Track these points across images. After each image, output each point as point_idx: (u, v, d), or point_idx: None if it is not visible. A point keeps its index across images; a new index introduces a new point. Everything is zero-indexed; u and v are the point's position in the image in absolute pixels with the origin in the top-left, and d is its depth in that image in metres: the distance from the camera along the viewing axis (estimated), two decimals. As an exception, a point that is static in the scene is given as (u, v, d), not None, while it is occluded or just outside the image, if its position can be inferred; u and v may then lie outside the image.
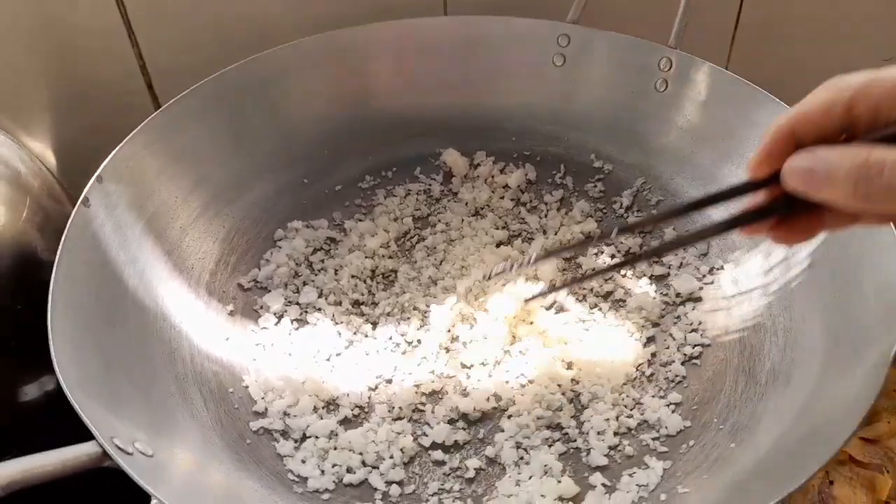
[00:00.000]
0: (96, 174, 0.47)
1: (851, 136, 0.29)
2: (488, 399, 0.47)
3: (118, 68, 0.64)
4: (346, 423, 0.47)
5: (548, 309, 0.51)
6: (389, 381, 0.48)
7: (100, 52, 0.63)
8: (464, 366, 0.49)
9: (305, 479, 0.43)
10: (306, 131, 0.60)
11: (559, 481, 0.41)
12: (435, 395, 0.47)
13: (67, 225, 0.43)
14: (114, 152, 0.48)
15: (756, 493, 0.36)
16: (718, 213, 0.34)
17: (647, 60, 0.58)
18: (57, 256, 0.41)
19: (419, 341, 0.51)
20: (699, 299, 0.52)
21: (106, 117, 0.67)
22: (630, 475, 0.42)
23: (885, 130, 0.28)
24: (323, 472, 0.43)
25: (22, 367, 0.45)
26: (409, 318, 0.52)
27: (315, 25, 0.61)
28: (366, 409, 0.47)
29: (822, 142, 0.29)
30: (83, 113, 0.66)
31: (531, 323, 0.51)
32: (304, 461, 0.43)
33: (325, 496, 0.42)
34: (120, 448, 0.35)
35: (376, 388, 0.48)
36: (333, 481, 0.43)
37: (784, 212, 0.31)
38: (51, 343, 0.37)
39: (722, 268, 0.53)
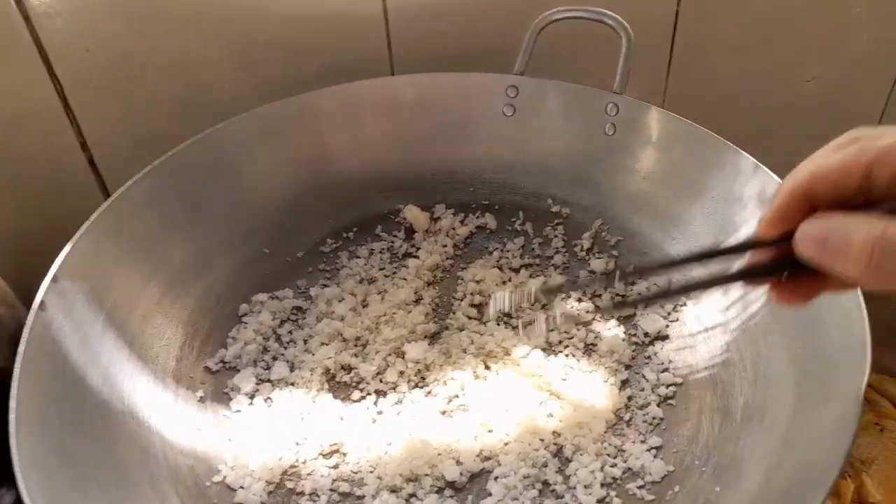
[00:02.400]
0: (51, 275, 0.45)
1: (870, 199, 0.27)
2: (474, 460, 0.47)
3: (57, 146, 0.62)
4: (332, 503, 0.46)
5: (523, 357, 0.52)
6: (375, 452, 0.48)
7: (37, 130, 0.61)
8: (450, 427, 0.49)
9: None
10: (263, 201, 0.60)
11: (551, 543, 0.41)
12: (423, 463, 0.47)
13: (25, 333, 0.41)
14: (67, 248, 0.47)
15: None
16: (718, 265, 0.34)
17: (594, 106, 0.59)
18: (16, 370, 0.39)
19: (400, 402, 0.50)
20: (666, 337, 0.53)
21: (48, 198, 0.65)
22: (621, 529, 0.42)
23: None
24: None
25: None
26: (389, 382, 0.52)
27: (260, 94, 0.61)
28: (355, 484, 0.46)
29: (838, 203, 0.27)
30: (24, 195, 0.64)
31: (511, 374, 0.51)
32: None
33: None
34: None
35: (360, 460, 0.47)
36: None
37: (791, 271, 0.30)
38: (17, 473, 0.36)
39: (685, 304, 0.55)
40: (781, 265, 0.30)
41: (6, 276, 0.50)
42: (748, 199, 0.52)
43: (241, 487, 0.45)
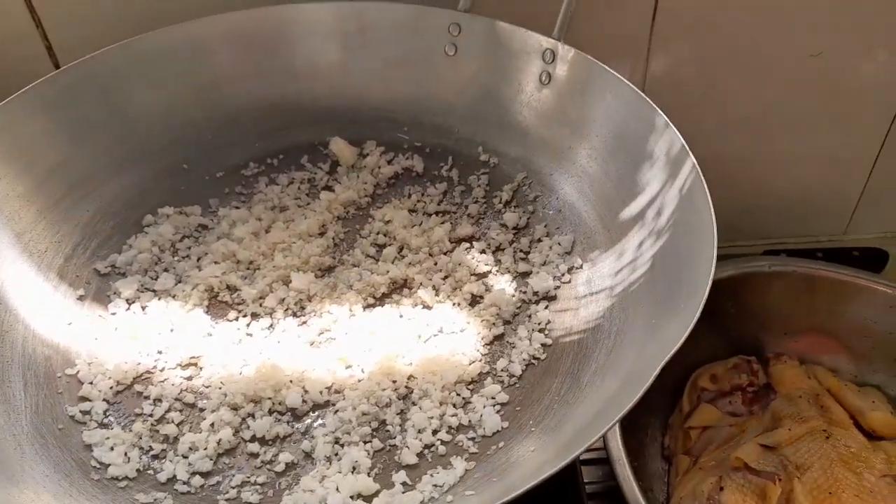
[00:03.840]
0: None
1: None
2: (321, 392, 0.47)
3: (23, 49, 0.64)
4: (172, 410, 0.46)
5: (415, 306, 0.51)
6: (229, 370, 0.48)
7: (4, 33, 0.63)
8: (310, 357, 0.48)
9: (107, 466, 0.42)
10: (188, 116, 0.59)
11: (357, 479, 0.40)
12: (268, 387, 0.47)
13: None
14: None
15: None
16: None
17: (532, 51, 0.56)
18: None
19: (271, 327, 0.50)
20: (554, 298, 0.51)
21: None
22: (431, 475, 0.41)
23: None
24: (129, 459, 0.43)
25: None
26: (267, 308, 0.52)
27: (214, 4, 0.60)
28: (201, 397, 0.47)
29: None
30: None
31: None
32: (112, 448, 0.43)
33: (122, 483, 0.42)
34: None
35: (213, 376, 0.48)
36: (137, 469, 0.42)
37: None
38: None
39: (581, 267, 0.52)
40: None
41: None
42: (657, 157, 0.48)
43: (90, 383, 0.47)
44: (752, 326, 0.68)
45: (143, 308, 0.52)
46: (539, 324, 0.49)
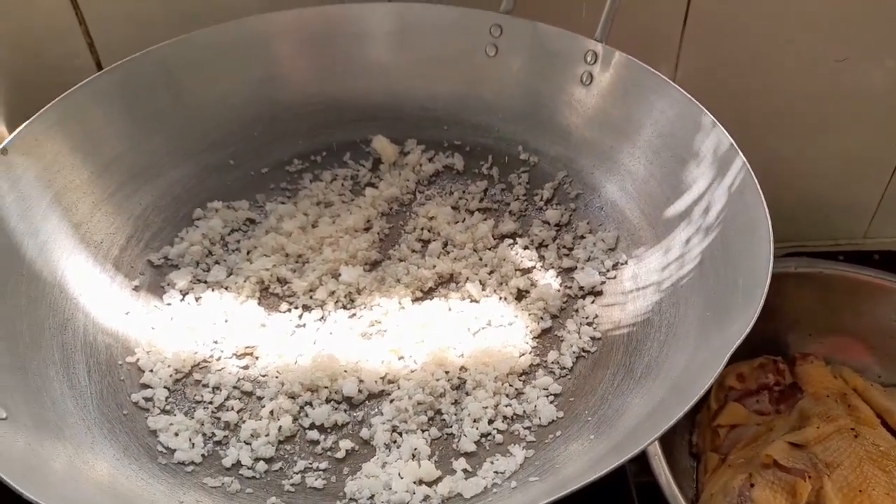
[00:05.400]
0: (1, 147, 0.48)
1: None
2: (376, 381, 0.48)
3: (65, 47, 0.65)
4: (231, 398, 0.47)
5: (463, 299, 0.52)
6: (285, 360, 0.49)
7: (48, 30, 0.64)
8: (363, 348, 0.49)
9: (173, 451, 0.43)
10: (235, 114, 0.61)
11: (420, 464, 0.42)
12: (325, 376, 0.48)
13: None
14: (23, 126, 0.50)
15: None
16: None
17: (574, 52, 0.57)
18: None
19: (323, 319, 0.51)
20: (600, 293, 0.52)
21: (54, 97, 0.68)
22: (491, 462, 0.42)
23: None
24: (193, 444, 0.44)
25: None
26: (318, 300, 0.53)
27: (260, 3, 0.61)
28: (259, 385, 0.48)
29: None
30: (31, 92, 0.67)
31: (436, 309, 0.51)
32: (177, 434, 0.44)
33: (189, 468, 0.43)
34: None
35: (269, 366, 0.49)
36: (202, 454, 0.43)
37: None
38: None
39: (626, 263, 0.53)
40: None
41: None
42: (704, 155, 0.49)
43: (150, 370, 0.48)
44: (778, 327, 0.69)
45: (198, 299, 0.53)
46: (587, 318, 0.50)
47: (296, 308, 0.53)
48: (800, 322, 0.69)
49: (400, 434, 0.45)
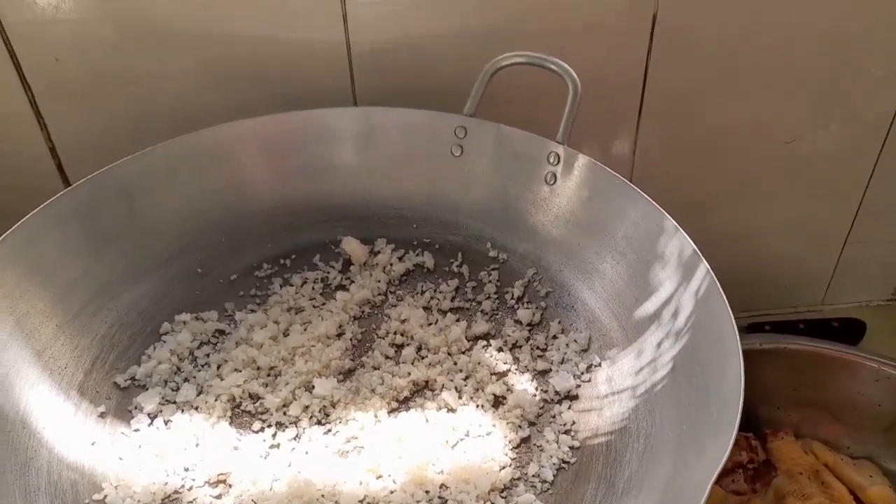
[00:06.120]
0: (-42, 280, 0.46)
1: None
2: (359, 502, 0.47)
3: (27, 152, 0.64)
4: (205, 534, 0.46)
5: (439, 409, 0.52)
6: (260, 486, 0.47)
7: (8, 135, 0.63)
8: (340, 468, 0.48)
9: None
10: (199, 222, 0.60)
11: None
12: (304, 503, 0.47)
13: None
14: (-19, 257, 0.48)
15: None
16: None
17: (537, 154, 0.59)
18: None
19: (297, 438, 0.50)
20: (576, 397, 0.52)
21: (19, 199, 0.67)
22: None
23: None
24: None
25: None
26: (291, 416, 0.52)
27: (226, 113, 0.62)
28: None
29: None
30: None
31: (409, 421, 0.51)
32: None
33: None
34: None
35: (243, 494, 0.47)
36: None
37: None
38: None
39: (599, 365, 0.54)
40: None
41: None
42: (668, 258, 0.51)
43: (118, 509, 0.46)
44: (747, 402, 0.70)
45: (167, 423, 0.51)
46: (564, 425, 0.50)
47: (269, 426, 0.52)
48: (769, 396, 0.70)
49: (382, 563, 0.43)
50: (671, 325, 0.49)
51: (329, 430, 0.51)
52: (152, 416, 0.51)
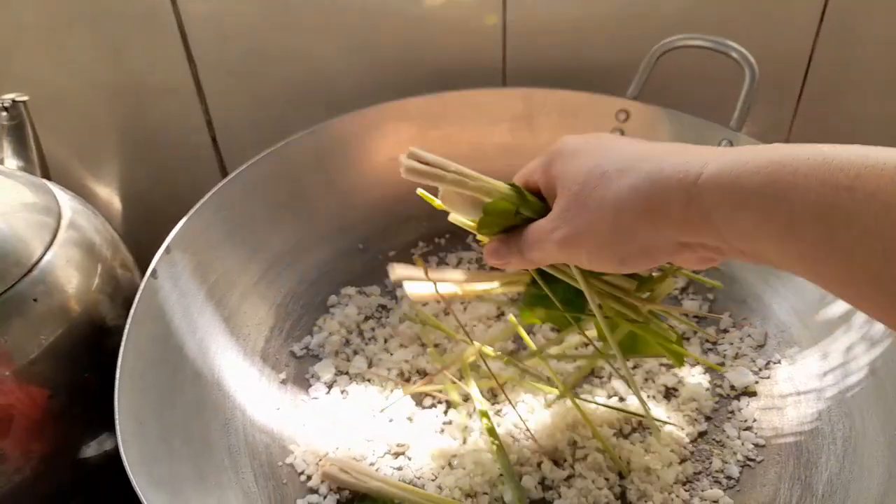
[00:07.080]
0: (165, 245, 0.48)
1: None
2: (535, 487, 0.47)
3: (185, 122, 0.66)
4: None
5: (609, 397, 0.51)
6: (439, 461, 0.48)
7: (169, 107, 0.65)
8: (515, 450, 0.49)
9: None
10: (363, 198, 0.61)
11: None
12: (484, 482, 0.47)
13: (136, 298, 0.44)
14: (181, 222, 0.50)
15: None
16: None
17: (708, 140, 0.57)
18: (125, 331, 0.43)
19: (469, 416, 0.51)
20: (754, 394, 0.51)
21: (173, 169, 0.70)
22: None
23: None
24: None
25: (83, 430, 0.46)
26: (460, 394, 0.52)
27: (377, 91, 0.63)
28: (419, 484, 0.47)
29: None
30: (150, 164, 0.69)
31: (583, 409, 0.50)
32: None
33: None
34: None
35: (423, 468, 0.48)
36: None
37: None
38: (116, 423, 0.39)
39: (779, 362, 0.52)
40: None
41: (131, 238, 0.54)
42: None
43: (305, 471, 0.47)
44: None
45: (342, 392, 0.52)
46: (745, 421, 0.49)
47: (439, 403, 0.52)
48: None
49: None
50: (865, 329, 0.47)
51: (498, 411, 0.52)
52: (329, 386, 0.53)
